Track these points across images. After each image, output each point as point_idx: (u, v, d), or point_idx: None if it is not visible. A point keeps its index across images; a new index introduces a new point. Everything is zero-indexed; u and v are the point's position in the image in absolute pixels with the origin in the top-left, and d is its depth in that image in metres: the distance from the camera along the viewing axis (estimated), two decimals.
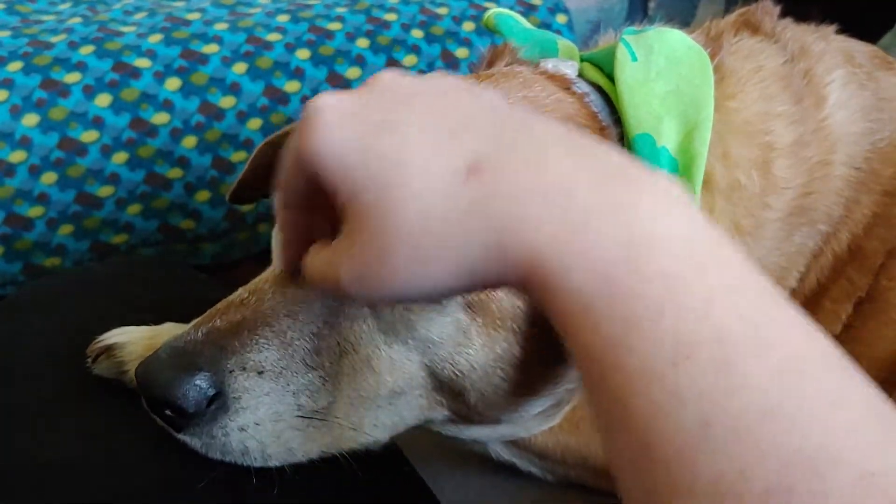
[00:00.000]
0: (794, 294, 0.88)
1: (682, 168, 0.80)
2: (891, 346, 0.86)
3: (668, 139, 0.79)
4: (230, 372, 0.66)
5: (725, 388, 0.40)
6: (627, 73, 0.82)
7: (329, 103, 0.51)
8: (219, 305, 0.71)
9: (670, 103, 0.80)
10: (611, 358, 0.43)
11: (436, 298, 0.53)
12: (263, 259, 0.83)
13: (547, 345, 0.76)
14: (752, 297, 0.43)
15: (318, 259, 0.55)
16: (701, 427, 0.40)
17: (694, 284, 0.42)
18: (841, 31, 0.97)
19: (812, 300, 0.88)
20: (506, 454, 0.97)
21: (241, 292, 0.72)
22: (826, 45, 0.92)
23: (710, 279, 0.43)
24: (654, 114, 0.80)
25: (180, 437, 0.67)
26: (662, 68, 0.83)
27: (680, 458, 0.41)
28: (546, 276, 0.45)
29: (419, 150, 0.48)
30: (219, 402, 0.66)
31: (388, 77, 0.53)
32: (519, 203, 0.46)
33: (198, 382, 0.64)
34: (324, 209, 0.55)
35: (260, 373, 0.67)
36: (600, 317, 0.44)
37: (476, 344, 0.73)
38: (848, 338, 0.88)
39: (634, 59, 0.83)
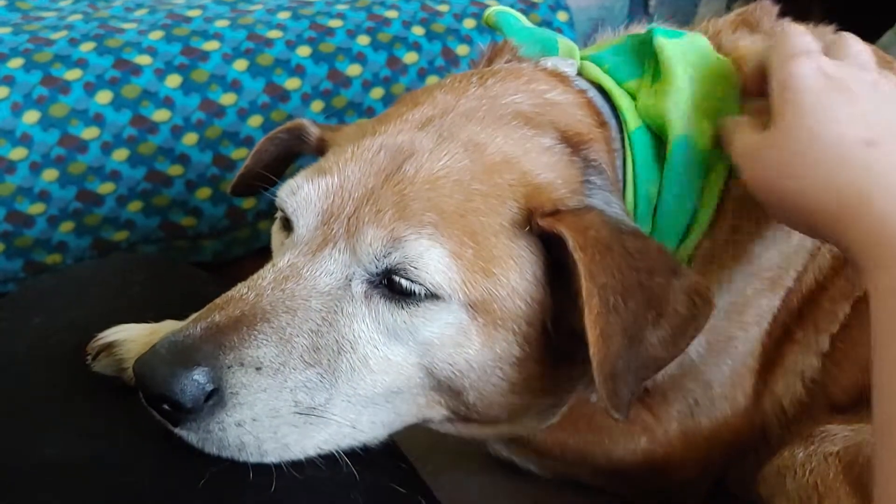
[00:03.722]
0: (791, 293, 0.88)
1: (706, 171, 0.81)
2: None
3: (703, 141, 0.80)
4: (228, 368, 0.66)
5: None
6: (676, 73, 0.82)
7: (818, 61, 0.74)
8: (217, 301, 0.71)
9: (706, 107, 0.81)
10: None
11: (789, 214, 0.74)
12: (264, 256, 0.83)
13: (546, 345, 0.77)
14: None
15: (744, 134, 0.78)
16: None
17: None
18: (840, 31, 0.97)
19: (810, 299, 0.88)
20: (505, 452, 0.97)
21: (239, 288, 0.72)
22: None
23: None
24: (693, 116, 0.80)
25: (177, 431, 0.67)
26: (699, 73, 0.83)
27: None
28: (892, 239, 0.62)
29: (848, 113, 0.71)
30: (216, 397, 0.66)
31: (862, 56, 0.77)
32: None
33: (195, 378, 0.64)
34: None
35: (258, 369, 0.67)
36: None
37: (476, 344, 0.73)
38: (847, 338, 0.88)
39: (674, 60, 0.83)
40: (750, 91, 0.83)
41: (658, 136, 0.83)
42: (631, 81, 0.87)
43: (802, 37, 0.78)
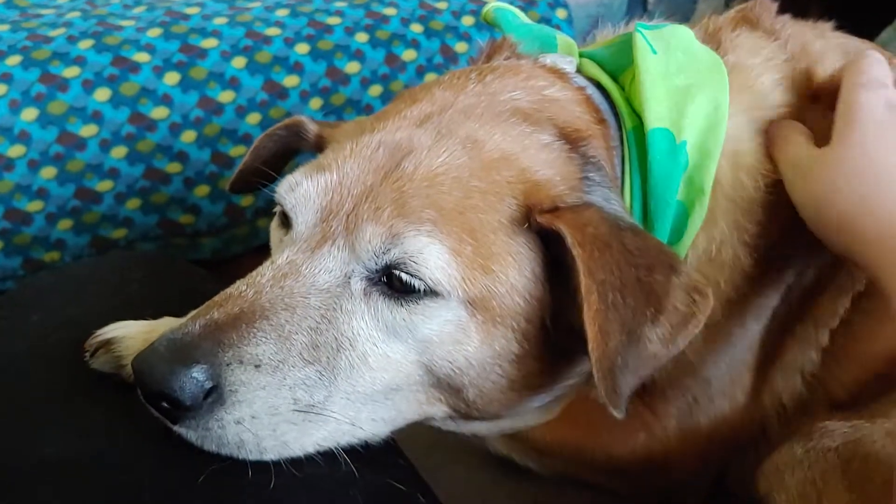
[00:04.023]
0: (791, 290, 0.88)
1: (693, 167, 0.80)
2: (888, 342, 0.86)
3: (688, 136, 0.80)
4: (227, 365, 0.66)
5: None
6: (650, 65, 0.82)
7: (888, 94, 0.79)
8: (216, 298, 0.71)
9: (690, 99, 0.81)
10: None
11: (827, 231, 0.78)
12: (263, 254, 0.83)
13: (546, 342, 0.77)
14: None
15: (798, 145, 0.82)
16: None
17: None
18: (839, 28, 0.97)
19: (810, 294, 0.89)
20: (504, 448, 0.97)
21: (238, 285, 0.72)
22: (825, 42, 0.92)
23: None
24: (676, 109, 0.80)
25: (176, 429, 0.67)
26: (682, 63, 0.83)
27: None
28: None
29: None
30: (215, 394, 0.66)
31: None
32: None
33: (194, 375, 0.64)
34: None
35: (257, 366, 0.67)
36: None
37: (475, 341, 0.73)
38: (847, 333, 0.88)
39: (654, 51, 0.83)
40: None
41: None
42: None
43: (877, 66, 0.81)
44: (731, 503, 0.96)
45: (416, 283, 0.70)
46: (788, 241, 0.86)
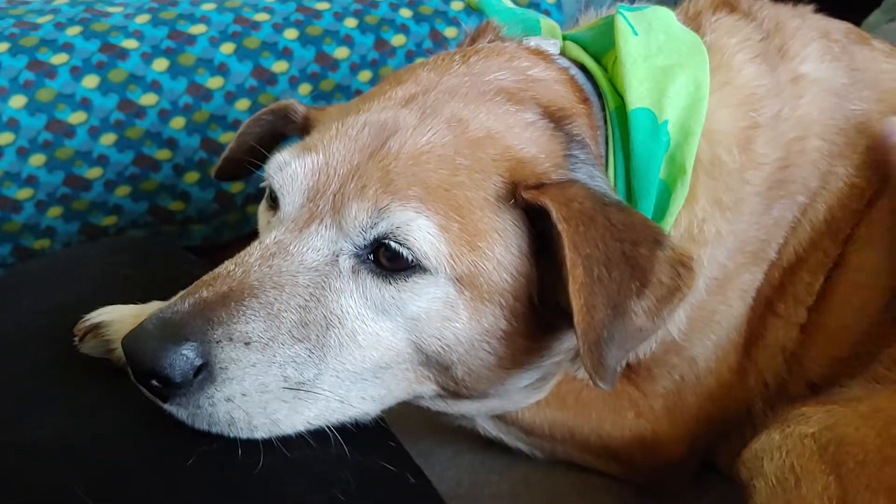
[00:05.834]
0: (773, 266, 0.89)
1: (674, 146, 0.81)
2: (857, 314, 0.87)
3: (670, 115, 0.80)
4: (217, 342, 0.66)
5: None
6: (631, 46, 0.82)
7: None
8: (205, 277, 0.71)
9: (671, 79, 0.81)
10: None
11: None
12: (253, 240, 0.83)
13: (533, 319, 0.77)
14: None
15: None
16: None
17: None
18: (821, 11, 0.98)
19: (790, 272, 0.89)
20: (493, 430, 0.97)
21: (227, 265, 0.72)
22: (802, 21, 0.94)
23: None
24: (657, 88, 0.81)
25: (167, 407, 0.67)
26: (663, 44, 0.84)
27: None
28: None
29: None
30: (205, 372, 0.66)
31: None
32: None
33: (184, 352, 0.65)
34: None
35: (247, 344, 0.67)
36: None
37: (463, 318, 0.73)
38: (822, 309, 0.89)
39: (635, 33, 0.83)
40: None
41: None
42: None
43: None
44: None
45: (405, 253, 0.71)
46: (769, 217, 0.87)
